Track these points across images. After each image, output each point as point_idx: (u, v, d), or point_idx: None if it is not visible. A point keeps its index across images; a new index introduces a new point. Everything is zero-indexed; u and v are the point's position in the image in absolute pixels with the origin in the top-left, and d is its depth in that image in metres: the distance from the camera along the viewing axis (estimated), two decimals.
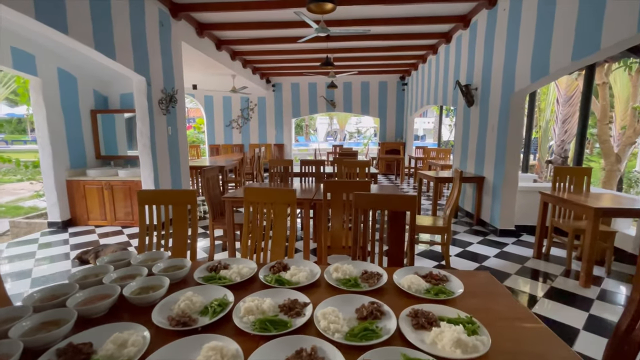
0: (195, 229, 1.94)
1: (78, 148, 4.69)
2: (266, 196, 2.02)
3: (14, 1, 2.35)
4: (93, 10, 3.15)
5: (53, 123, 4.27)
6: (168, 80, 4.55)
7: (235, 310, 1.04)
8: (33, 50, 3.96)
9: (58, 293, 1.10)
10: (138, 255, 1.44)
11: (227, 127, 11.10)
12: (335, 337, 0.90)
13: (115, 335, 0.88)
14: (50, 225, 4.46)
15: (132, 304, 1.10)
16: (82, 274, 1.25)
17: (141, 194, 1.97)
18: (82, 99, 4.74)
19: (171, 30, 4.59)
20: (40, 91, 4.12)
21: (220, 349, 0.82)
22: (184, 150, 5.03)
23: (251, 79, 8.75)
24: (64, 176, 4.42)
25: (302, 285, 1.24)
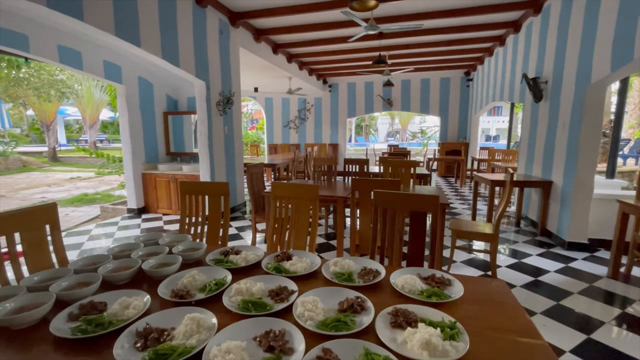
0: (227, 217, 2.11)
1: (152, 145, 5.41)
2: (291, 191, 2.10)
3: (97, 20, 2.83)
4: (162, 24, 3.61)
5: (133, 124, 5.00)
6: (226, 84, 4.97)
7: (228, 290, 1.13)
8: (119, 62, 4.69)
9: (96, 261, 1.33)
10: (165, 236, 1.63)
11: (284, 127, 11.61)
12: (306, 324, 0.93)
13: (123, 298, 1.03)
14: (129, 211, 5.22)
15: (149, 276, 1.27)
16: (119, 248, 1.47)
17: (183, 185, 2.21)
18: (157, 102, 5.45)
19: (230, 37, 5.00)
20: (124, 97, 4.85)
21: (198, 320, 0.92)
22: (239, 148, 5.43)
23: (308, 80, 9.02)
24: (140, 169, 5.14)
25: (298, 275, 1.28)
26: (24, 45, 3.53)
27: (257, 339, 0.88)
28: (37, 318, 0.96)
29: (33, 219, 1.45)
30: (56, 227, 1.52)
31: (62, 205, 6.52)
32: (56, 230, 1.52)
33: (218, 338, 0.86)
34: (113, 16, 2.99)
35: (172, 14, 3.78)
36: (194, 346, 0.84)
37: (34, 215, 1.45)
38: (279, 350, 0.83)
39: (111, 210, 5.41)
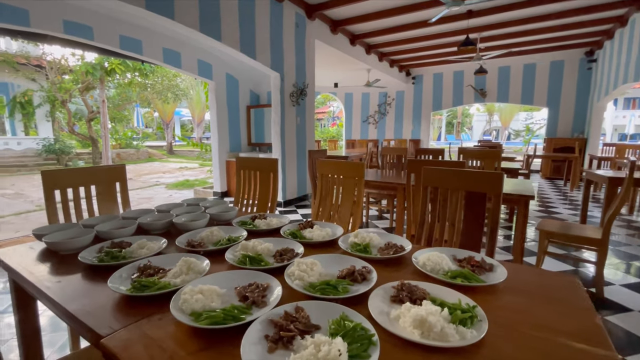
0: (275, 191, 2.15)
1: (236, 136, 5.95)
2: (336, 169, 2.01)
3: (185, 19, 3.22)
4: (241, 20, 3.91)
5: (221, 117, 5.58)
6: (300, 75, 5.12)
7: (236, 246, 1.11)
8: (210, 61, 5.28)
9: (143, 214, 1.48)
10: (207, 201, 1.74)
11: (363, 122, 11.45)
12: (294, 284, 0.84)
13: (142, 240, 1.12)
14: (214, 194, 5.87)
15: (180, 229, 1.35)
16: (166, 207, 1.62)
17: (239, 160, 2.34)
18: (241, 97, 5.97)
19: (306, 29, 5.14)
20: (214, 92, 5.46)
21: (190, 263, 0.92)
22: (310, 138, 5.55)
23: (389, 73, 8.69)
24: (224, 158, 5.71)
25: (313, 242, 1.20)
26: (138, 49, 4.27)
27: (237, 288, 0.83)
28: (75, 247, 1.10)
29: (106, 176, 1.71)
30: (124, 184, 1.77)
31: (169, 188, 7.77)
32: (124, 187, 1.76)
33: (200, 280, 0.84)
34: (198, 14, 3.37)
35: (251, 9, 4.06)
36: (177, 284, 0.84)
37: (107, 173, 1.71)
38: (251, 302, 0.76)
39: (202, 193, 6.17)
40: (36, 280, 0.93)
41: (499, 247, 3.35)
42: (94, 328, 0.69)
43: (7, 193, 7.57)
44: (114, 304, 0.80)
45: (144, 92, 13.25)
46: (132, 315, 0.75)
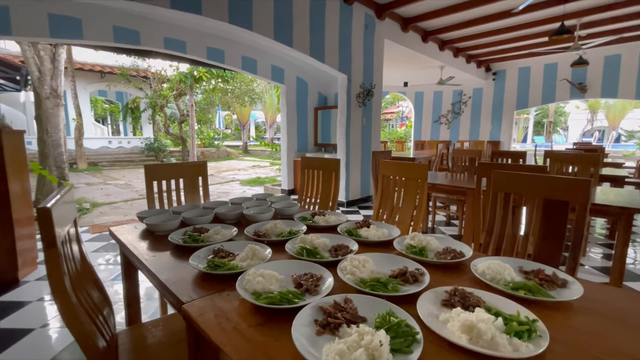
0: (336, 190, 2.22)
1: (303, 137, 6.21)
2: (398, 170, 1.99)
3: (262, 29, 3.50)
4: (311, 25, 4.09)
5: (290, 118, 5.89)
6: (367, 76, 5.12)
7: (295, 238, 1.20)
8: (282, 66, 5.62)
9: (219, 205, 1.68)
10: (274, 196, 1.88)
11: (435, 122, 10.86)
12: (345, 277, 0.88)
13: (217, 228, 1.28)
14: (282, 191, 6.22)
15: (248, 220, 1.50)
16: (238, 200, 1.81)
17: (304, 160, 2.46)
18: (310, 99, 6.21)
19: (375, 30, 5.11)
20: (285, 95, 5.79)
21: (254, 250, 1.03)
22: (376, 139, 5.51)
23: (465, 69, 8.10)
24: (292, 157, 6.01)
25: (369, 241, 1.22)
26: (221, 59, 4.78)
27: (294, 276, 0.91)
28: (166, 229, 1.32)
29: (191, 171, 1.98)
30: (205, 179, 2.02)
31: (243, 184, 8.48)
32: (205, 181, 2.02)
33: (263, 266, 0.94)
34: (273, 23, 3.63)
35: (321, 14, 4.21)
36: (243, 267, 0.95)
37: (192, 168, 1.98)
38: (305, 289, 0.83)
39: (271, 190, 6.59)
40: (138, 253, 1.15)
41: (594, 267, 2.89)
42: (177, 295, 0.83)
43: (119, 183, 9.10)
44: (193, 278, 0.95)
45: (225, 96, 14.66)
46: (206, 289, 0.88)
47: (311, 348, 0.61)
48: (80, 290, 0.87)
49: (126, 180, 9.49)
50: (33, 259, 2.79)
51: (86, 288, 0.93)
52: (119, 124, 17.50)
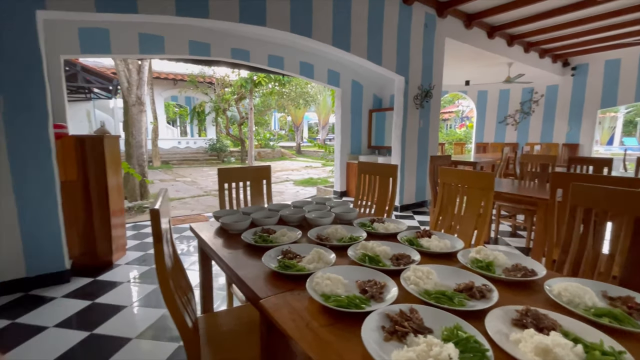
0: (393, 196, 2.22)
1: (357, 139, 6.23)
2: (460, 178, 1.92)
3: (321, 36, 3.61)
4: (369, 29, 4.10)
5: (344, 121, 5.95)
6: (426, 77, 4.96)
7: (357, 245, 1.25)
8: (338, 69, 5.70)
9: (282, 207, 1.80)
10: (332, 201, 1.95)
11: (500, 123, 10.05)
12: (409, 287, 0.91)
13: (283, 230, 1.38)
14: (334, 193, 6.31)
15: (310, 223, 1.59)
16: (299, 203, 1.91)
17: (360, 165, 2.50)
18: (365, 101, 6.20)
19: (435, 29, 4.93)
20: (340, 98, 5.86)
21: (320, 253, 1.10)
22: (433, 142, 5.31)
23: (538, 64, 7.39)
24: (345, 159, 6.07)
25: (431, 252, 1.22)
26: (281, 65, 5.02)
27: (358, 281, 0.95)
28: (239, 228, 1.46)
29: (257, 174, 2.14)
30: (269, 182, 2.17)
31: (296, 184, 8.77)
32: (268, 184, 2.17)
33: (328, 269, 1.01)
34: (332, 30, 3.72)
35: (379, 17, 4.20)
36: (310, 269, 1.03)
37: (257, 172, 2.14)
38: (370, 295, 0.87)
39: (323, 192, 6.73)
40: (217, 249, 1.29)
41: None
42: (255, 291, 0.94)
43: (187, 180, 10.02)
44: (266, 276, 1.05)
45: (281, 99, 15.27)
46: (278, 287, 0.97)
47: (380, 352, 0.65)
48: (174, 278, 1.02)
49: (192, 178, 10.41)
50: (123, 245, 3.25)
51: (178, 276, 1.09)
52: (186, 126, 19.21)
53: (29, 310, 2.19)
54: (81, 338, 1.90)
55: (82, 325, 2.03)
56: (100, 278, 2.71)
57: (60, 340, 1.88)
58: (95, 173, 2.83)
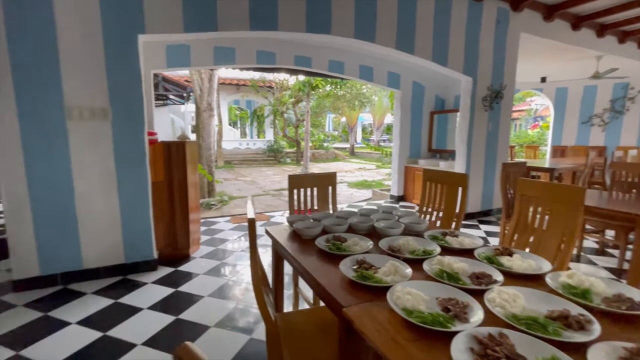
0: (463, 207, 2.13)
1: (416, 142, 6.04)
2: (544, 191, 1.78)
3: (384, 40, 3.59)
4: (435, 30, 3.96)
5: (403, 123, 5.81)
6: (496, 77, 4.63)
7: (432, 259, 1.24)
8: (398, 71, 5.59)
9: (349, 215, 1.85)
10: (399, 209, 1.94)
11: (583, 124, 8.90)
12: (494, 309, 0.88)
13: (355, 239, 1.43)
14: (391, 197, 6.20)
15: (378, 232, 1.61)
16: (365, 210, 1.94)
17: (425, 172, 2.44)
18: (426, 103, 5.99)
19: (509, 24, 4.57)
20: (400, 100, 5.74)
21: (396, 266, 1.12)
22: (503, 147, 4.93)
23: (634, 55, 6.41)
24: (403, 163, 5.92)
25: (513, 272, 1.16)
26: (341, 70, 5.09)
27: (439, 299, 0.95)
28: (312, 234, 1.54)
29: (323, 181, 2.22)
30: (334, 188, 2.24)
31: (350, 186, 8.80)
32: (334, 190, 2.23)
33: (407, 284, 1.02)
34: (396, 33, 3.67)
35: (446, 17, 4.03)
36: (388, 282, 1.05)
37: (324, 179, 2.22)
38: (454, 315, 0.87)
39: (379, 195, 6.65)
40: (294, 254, 1.38)
41: None
42: (337, 299, 0.99)
43: (247, 180, 10.66)
44: (344, 284, 1.10)
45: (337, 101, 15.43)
46: (357, 296, 1.02)
47: None
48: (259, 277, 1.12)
49: (252, 178, 11.04)
50: (198, 240, 3.60)
51: (263, 278, 1.19)
52: (246, 127, 20.40)
53: (127, 292, 2.56)
54: (169, 321, 2.16)
55: (169, 310, 2.31)
56: (180, 268, 3.04)
57: (152, 322, 2.16)
58: (178, 174, 3.18)
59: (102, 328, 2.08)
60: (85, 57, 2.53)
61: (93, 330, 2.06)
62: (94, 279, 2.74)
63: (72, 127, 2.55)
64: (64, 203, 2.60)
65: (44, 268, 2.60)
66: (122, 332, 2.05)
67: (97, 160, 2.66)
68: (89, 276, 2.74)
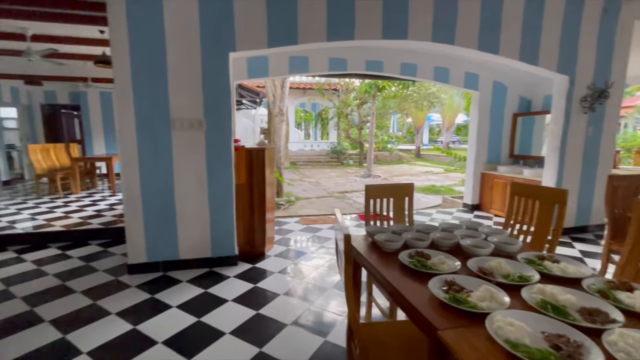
0: (559, 226, 1.92)
1: (495, 147, 5.55)
2: None
3: (464, 41, 3.39)
4: (524, 27, 3.60)
5: (481, 126, 5.40)
6: (600, 74, 4.02)
7: (530, 286, 1.15)
8: (477, 71, 5.20)
9: (430, 229, 1.80)
10: (485, 226, 1.82)
11: None
12: (617, 354, 0.79)
13: (441, 257, 1.40)
14: (464, 205, 5.80)
15: (464, 251, 1.54)
16: (447, 225, 1.87)
17: (514, 186, 2.25)
18: (508, 104, 5.47)
19: (619, 13, 3.94)
20: (478, 102, 5.35)
21: (492, 292, 1.07)
22: (607, 154, 4.26)
23: None
24: (480, 169, 5.49)
25: (635, 311, 1.01)
26: (413, 72, 4.95)
27: (545, 333, 0.89)
28: (393, 248, 1.55)
29: (399, 191, 2.20)
30: (411, 199, 2.20)
31: (416, 191, 8.47)
32: (410, 202, 2.20)
33: (506, 313, 0.97)
34: (478, 33, 3.44)
35: (538, 12, 3.64)
36: (484, 308, 1.01)
37: (400, 189, 2.20)
38: (567, 355, 0.80)
39: (450, 202, 6.28)
40: (377, 266, 1.41)
41: None
42: (431, 320, 0.99)
43: (311, 181, 10.97)
44: (434, 305, 1.09)
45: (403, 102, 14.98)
46: (450, 320, 1.00)
47: None
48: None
49: (316, 179, 11.32)
50: (272, 239, 3.84)
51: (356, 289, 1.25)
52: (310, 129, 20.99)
53: (214, 283, 2.86)
54: (250, 315, 2.37)
55: (250, 304, 2.52)
56: (257, 265, 3.29)
57: (236, 313, 2.39)
58: (257, 177, 3.45)
59: (197, 314, 2.36)
60: (186, 76, 2.90)
61: (189, 315, 2.36)
62: (187, 269, 3.13)
63: (174, 136, 2.95)
64: (166, 201, 3.02)
65: (150, 256, 3.05)
66: (212, 319, 2.30)
67: (192, 165, 3.03)
68: (183, 266, 3.13)
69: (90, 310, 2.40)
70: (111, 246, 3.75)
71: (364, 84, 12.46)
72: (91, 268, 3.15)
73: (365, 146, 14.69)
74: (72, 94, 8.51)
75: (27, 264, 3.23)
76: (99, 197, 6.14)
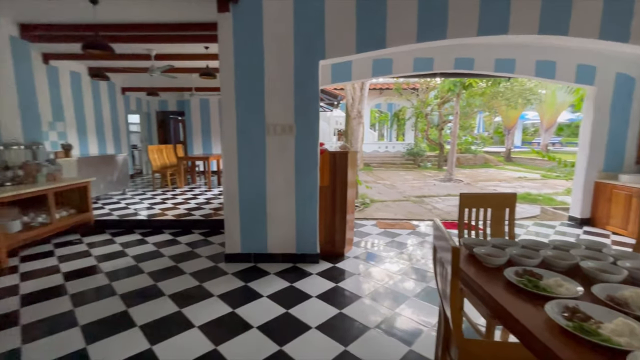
0: None
1: (617, 151, 4.65)
2: None
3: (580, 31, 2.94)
4: None
5: (597, 127, 4.59)
6: None
7: None
8: (594, 62, 4.44)
9: (538, 245, 1.62)
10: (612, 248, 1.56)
11: None
12: None
13: (557, 279, 1.25)
14: (570, 219, 5.00)
15: (585, 274, 1.35)
16: (560, 242, 1.66)
17: None
18: (637, 100, 4.54)
19: None
20: (592, 99, 4.56)
21: (633, 327, 0.92)
22: None
23: None
24: (593, 177, 4.67)
25: None
26: (511, 69, 4.47)
27: None
28: (497, 264, 1.44)
29: (499, 201, 2.02)
30: (512, 211, 2.01)
31: None
32: (512, 213, 2.00)
33: None
34: (600, 20, 2.95)
35: None
36: (621, 345, 0.88)
37: (500, 199, 2.02)
38: None
39: (551, 214, 5.49)
40: (479, 281, 1.33)
41: None
42: (553, 349, 0.90)
43: (386, 183, 10.75)
44: (553, 332, 0.99)
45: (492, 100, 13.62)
46: (576, 351, 0.90)
47: None
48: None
49: (391, 182, 11.05)
50: (351, 240, 3.91)
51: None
52: (384, 129, 20.55)
53: (298, 278, 3.05)
54: (334, 313, 2.45)
55: (333, 303, 2.61)
56: (337, 265, 3.39)
57: (321, 310, 2.50)
58: (340, 179, 3.54)
59: (285, 305, 2.55)
60: (280, 84, 3.15)
61: (279, 305, 2.55)
62: (274, 262, 3.39)
63: (268, 140, 3.22)
64: (259, 199, 3.32)
65: (244, 247, 3.39)
66: (299, 312, 2.46)
67: (282, 167, 3.27)
68: (271, 259, 3.40)
69: (197, 290, 2.79)
70: (210, 236, 4.28)
71: (448, 81, 11.69)
72: (195, 254, 3.64)
73: (446, 148, 13.75)
74: (179, 102, 9.93)
75: (149, 246, 3.91)
76: (198, 191, 7.05)
